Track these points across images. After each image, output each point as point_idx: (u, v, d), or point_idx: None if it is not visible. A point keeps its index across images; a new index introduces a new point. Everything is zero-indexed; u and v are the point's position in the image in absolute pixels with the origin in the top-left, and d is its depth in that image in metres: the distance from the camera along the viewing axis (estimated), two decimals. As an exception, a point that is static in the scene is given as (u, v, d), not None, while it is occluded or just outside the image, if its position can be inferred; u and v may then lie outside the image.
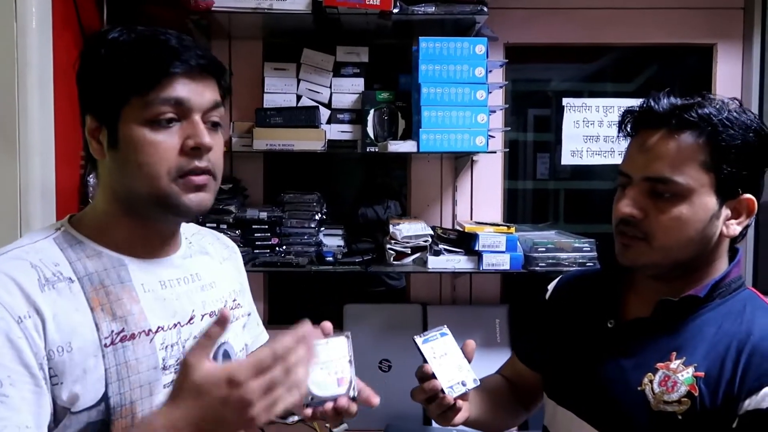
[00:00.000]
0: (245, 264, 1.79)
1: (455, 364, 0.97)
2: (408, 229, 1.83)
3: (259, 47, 2.06)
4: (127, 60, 0.77)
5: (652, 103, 0.90)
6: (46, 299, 0.74)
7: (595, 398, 0.95)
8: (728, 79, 2.07)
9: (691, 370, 0.86)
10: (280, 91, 1.93)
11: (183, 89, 0.78)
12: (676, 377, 0.86)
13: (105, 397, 0.76)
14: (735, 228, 0.89)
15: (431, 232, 1.86)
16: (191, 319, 0.88)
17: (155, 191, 0.79)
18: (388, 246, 1.83)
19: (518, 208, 2.30)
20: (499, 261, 1.78)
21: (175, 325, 0.85)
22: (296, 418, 1.03)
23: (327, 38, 1.94)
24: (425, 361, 0.96)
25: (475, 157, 2.08)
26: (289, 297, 2.19)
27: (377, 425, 1.87)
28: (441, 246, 1.84)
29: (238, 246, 1.88)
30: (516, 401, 1.18)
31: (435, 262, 1.81)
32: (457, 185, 2.11)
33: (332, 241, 2.00)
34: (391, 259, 1.84)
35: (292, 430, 1.89)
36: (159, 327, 0.83)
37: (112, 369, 0.77)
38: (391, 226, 1.85)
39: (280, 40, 2.05)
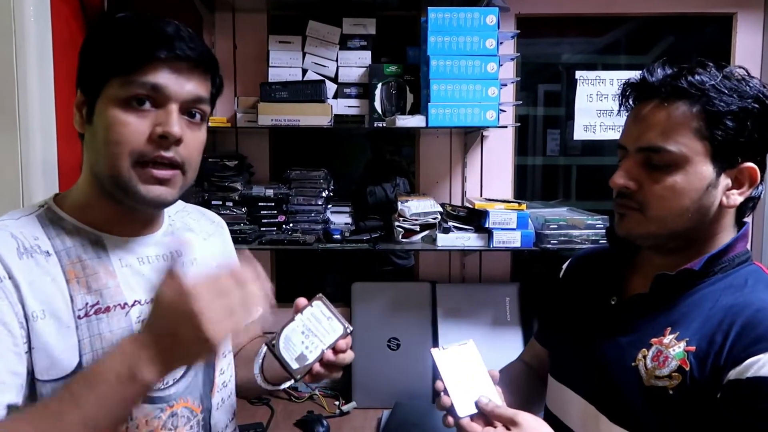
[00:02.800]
0: (252, 242, 1.79)
1: (473, 380, 0.92)
2: (417, 206, 1.80)
3: (264, 20, 2.01)
4: (116, 40, 0.78)
5: (646, 74, 0.88)
6: (23, 266, 0.76)
7: (592, 375, 0.95)
8: (748, 50, 2.00)
9: (682, 344, 0.85)
10: (285, 64, 1.89)
11: (164, 76, 0.78)
12: (668, 352, 0.85)
13: (80, 367, 0.77)
14: (736, 198, 0.87)
15: (440, 209, 1.82)
16: None
17: (115, 173, 0.79)
18: (397, 223, 1.80)
19: (528, 185, 2.26)
20: (509, 238, 1.74)
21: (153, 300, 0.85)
22: (288, 383, 1.02)
23: (333, 10, 1.90)
24: (439, 374, 0.92)
25: (485, 133, 2.04)
26: (297, 275, 2.17)
27: (386, 403, 1.86)
28: (450, 223, 1.80)
29: (244, 224, 1.88)
30: (538, 386, 1.16)
31: (444, 240, 1.78)
32: (467, 161, 2.06)
33: (340, 219, 1.97)
34: (400, 236, 1.81)
35: (299, 408, 1.89)
36: (135, 301, 0.84)
37: (85, 340, 0.78)
38: (399, 203, 1.82)
39: (285, 12, 2.00)
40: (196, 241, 0.98)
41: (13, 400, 0.72)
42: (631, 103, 0.92)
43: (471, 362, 0.94)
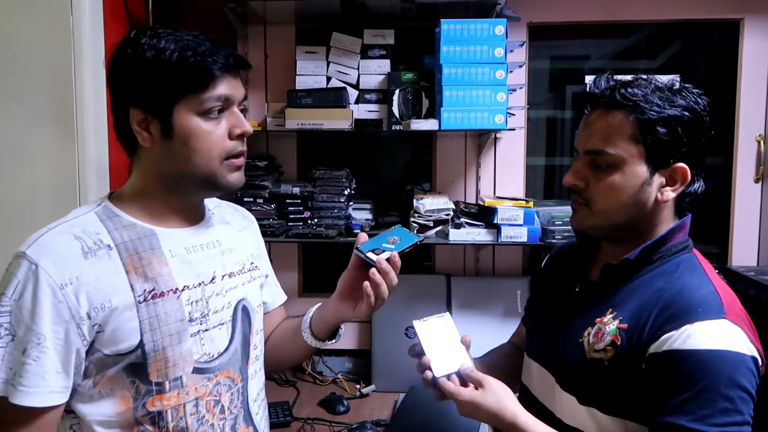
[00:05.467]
0: (279, 236, 1.97)
1: (448, 346, 1.07)
2: (431, 204, 1.93)
3: (292, 32, 2.17)
4: (179, 65, 0.90)
5: (592, 86, 1.01)
6: (89, 265, 0.89)
7: (552, 350, 1.09)
8: (755, 55, 2.06)
9: (616, 322, 0.97)
10: (311, 73, 2.04)
11: (227, 87, 0.94)
12: (605, 329, 0.98)
13: (141, 344, 0.91)
14: (669, 194, 0.99)
15: (453, 207, 1.95)
16: (213, 279, 1.02)
17: (208, 171, 0.94)
18: (412, 219, 1.94)
19: (555, 185, 2.34)
20: (516, 233, 1.86)
21: (200, 284, 0.99)
22: (334, 341, 1.20)
23: (354, 22, 2.03)
24: (419, 340, 1.07)
25: (498, 135, 2.15)
26: (322, 266, 2.32)
27: (402, 387, 1.99)
28: (462, 219, 1.93)
29: (273, 219, 2.05)
30: (521, 363, 1.29)
31: (456, 235, 1.90)
32: (481, 161, 2.19)
33: (360, 215, 2.11)
34: (415, 231, 1.94)
35: (323, 390, 2.05)
36: (185, 286, 0.97)
37: (145, 321, 0.92)
38: (414, 201, 1.96)
39: (311, 25, 2.15)
40: (232, 232, 1.12)
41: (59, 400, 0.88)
42: (587, 110, 1.05)
43: (447, 331, 1.09)
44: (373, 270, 1.04)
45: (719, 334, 0.87)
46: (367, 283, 1.05)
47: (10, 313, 0.86)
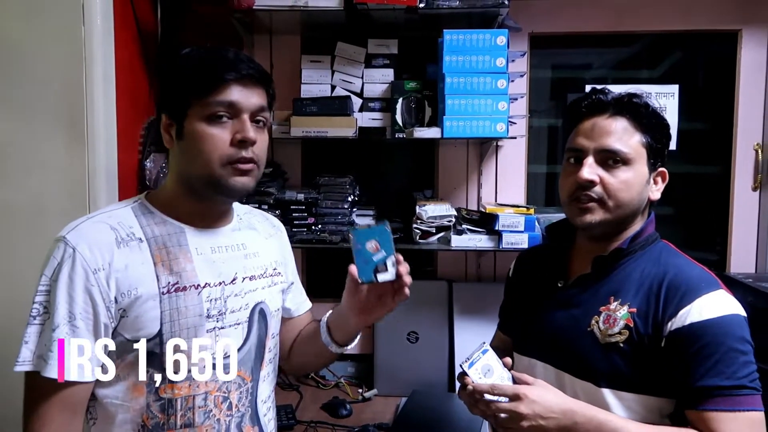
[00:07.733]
0: (283, 240, 1.98)
1: (498, 376, 1.10)
2: (433, 210, 1.96)
3: (297, 41, 2.21)
4: (191, 71, 0.99)
5: (600, 95, 1.13)
6: (120, 254, 0.97)
7: (553, 343, 1.16)
8: (752, 65, 2.10)
9: (626, 307, 1.08)
10: (316, 81, 2.08)
11: (235, 94, 0.98)
12: (615, 315, 1.08)
13: (159, 333, 0.97)
14: (657, 194, 1.15)
15: (455, 213, 1.98)
16: (234, 279, 1.07)
17: (209, 173, 0.98)
18: (415, 226, 1.97)
19: (557, 192, 2.34)
20: (517, 240, 1.89)
21: (220, 283, 1.05)
22: (354, 343, 1.24)
23: (359, 32, 2.07)
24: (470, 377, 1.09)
25: (499, 143, 2.18)
26: (326, 271, 2.35)
27: (404, 391, 2.01)
28: (464, 226, 1.96)
29: (277, 224, 2.06)
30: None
31: (458, 241, 1.93)
32: (482, 169, 2.22)
33: (364, 221, 2.13)
34: (417, 237, 1.97)
35: (326, 394, 2.07)
36: (206, 283, 1.03)
37: (166, 312, 0.98)
38: (417, 207, 1.98)
39: (316, 35, 2.19)
40: (258, 238, 1.17)
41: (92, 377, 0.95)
42: (580, 116, 1.14)
43: (491, 362, 1.11)
44: (403, 287, 1.06)
45: (724, 303, 1.02)
46: (397, 297, 1.07)
47: (47, 292, 0.93)
